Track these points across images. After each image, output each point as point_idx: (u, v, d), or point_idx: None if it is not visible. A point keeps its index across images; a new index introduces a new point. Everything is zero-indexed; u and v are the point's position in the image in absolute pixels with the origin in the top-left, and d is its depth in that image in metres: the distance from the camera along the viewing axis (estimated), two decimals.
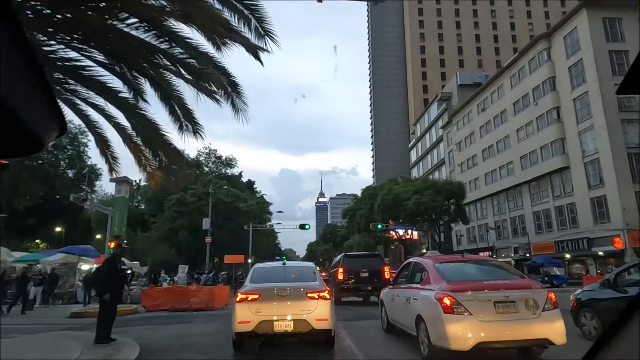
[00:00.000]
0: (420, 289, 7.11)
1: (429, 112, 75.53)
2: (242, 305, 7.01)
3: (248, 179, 54.32)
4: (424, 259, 8.17)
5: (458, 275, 6.95)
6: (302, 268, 9.14)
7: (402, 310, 7.86)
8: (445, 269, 7.13)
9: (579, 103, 36.98)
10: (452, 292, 6.11)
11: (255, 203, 42.35)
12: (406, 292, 7.75)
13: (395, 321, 8.56)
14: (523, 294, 6.09)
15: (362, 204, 43.00)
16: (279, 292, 7.12)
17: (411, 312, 7.15)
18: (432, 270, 7.09)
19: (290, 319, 6.89)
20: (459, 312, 5.93)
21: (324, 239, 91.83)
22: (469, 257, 8.95)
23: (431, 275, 6.98)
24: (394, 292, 8.60)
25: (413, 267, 8.28)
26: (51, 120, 0.79)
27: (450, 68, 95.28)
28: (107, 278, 7.18)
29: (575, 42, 37.50)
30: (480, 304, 5.96)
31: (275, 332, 6.83)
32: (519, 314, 5.91)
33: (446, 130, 64.49)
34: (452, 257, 9.18)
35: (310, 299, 7.09)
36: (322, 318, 7.02)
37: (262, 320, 6.84)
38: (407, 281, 8.21)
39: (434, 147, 71.39)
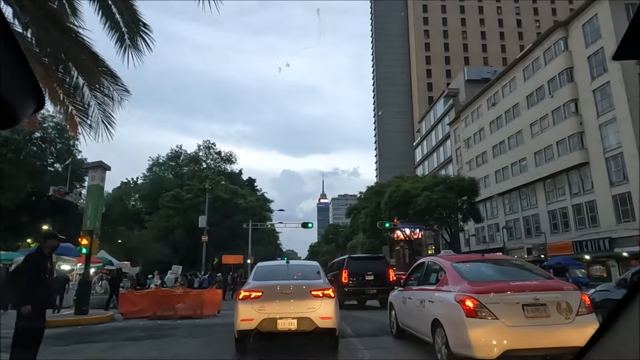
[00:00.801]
0: (436, 291, 6.53)
1: (434, 109, 73.45)
2: (245, 303, 6.85)
3: (249, 176, 52.19)
4: (440, 258, 7.61)
5: (480, 276, 6.38)
6: (306, 266, 8.96)
7: (415, 314, 7.28)
8: (465, 268, 6.57)
9: (599, 94, 34.76)
10: (475, 294, 5.52)
11: (255, 200, 40.17)
12: (420, 294, 7.16)
13: (406, 326, 7.94)
14: (554, 296, 5.53)
15: (368, 202, 40.81)
16: (282, 289, 6.97)
17: (426, 316, 6.56)
18: (450, 270, 6.52)
19: (294, 317, 6.73)
20: (484, 315, 5.36)
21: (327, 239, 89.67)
22: (489, 257, 8.19)
23: (449, 276, 6.40)
24: (405, 294, 8.02)
25: (427, 267, 7.73)
26: (28, 95, 0.79)
27: (456, 65, 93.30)
28: (28, 282, 4.99)
29: (595, 30, 35.30)
30: (507, 307, 5.40)
31: (278, 330, 6.66)
32: (550, 319, 5.34)
33: (453, 127, 62.33)
34: (471, 256, 8.40)
35: (314, 297, 6.95)
36: (327, 316, 6.85)
37: (265, 318, 6.67)
38: (420, 282, 7.64)
39: (440, 145, 69.25)
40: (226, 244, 38.03)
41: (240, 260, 33.67)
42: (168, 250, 37.40)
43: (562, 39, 38.87)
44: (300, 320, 6.74)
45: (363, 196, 43.75)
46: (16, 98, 0.74)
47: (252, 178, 49.44)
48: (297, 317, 6.75)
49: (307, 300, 6.92)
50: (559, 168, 38.60)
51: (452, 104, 64.77)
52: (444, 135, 66.95)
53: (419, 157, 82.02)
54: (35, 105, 0.80)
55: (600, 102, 34.67)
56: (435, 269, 7.25)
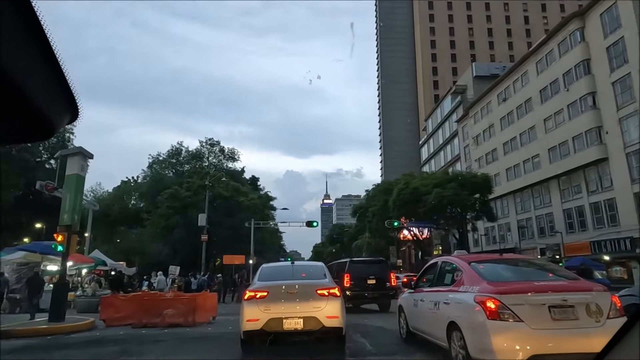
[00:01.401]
0: (452, 292, 6.17)
1: (441, 106, 71.77)
2: (251, 303, 6.83)
3: (252, 175, 50.66)
4: (455, 258, 7.17)
5: (500, 276, 6.09)
6: (312, 267, 8.87)
7: (428, 316, 6.91)
8: (483, 268, 6.24)
9: (619, 87, 33.02)
10: (497, 294, 5.21)
11: (257, 198, 38.54)
12: (433, 296, 6.79)
13: (418, 329, 7.54)
14: (583, 298, 5.17)
15: (375, 200, 39.17)
16: (288, 289, 6.96)
17: (441, 319, 6.19)
18: (467, 269, 6.17)
19: (300, 316, 6.70)
20: (507, 318, 5.03)
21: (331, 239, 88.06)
22: (508, 256, 7.61)
23: (466, 276, 6.05)
24: (417, 296, 7.64)
25: (440, 267, 7.34)
26: (64, 105, 0.79)
27: (462, 63, 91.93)
28: None
29: (614, 19, 33.57)
30: (533, 308, 5.07)
31: (284, 330, 6.64)
32: (579, 322, 4.97)
33: (462, 124, 60.63)
34: (488, 255, 8.25)
35: (320, 296, 6.92)
36: (333, 315, 6.83)
37: (271, 318, 6.64)
38: (433, 284, 7.27)
39: (447, 143, 67.53)
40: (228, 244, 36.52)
41: (242, 260, 32.15)
42: (167, 250, 35.92)
43: (578, 30, 37.14)
44: (307, 319, 6.67)
45: (370, 194, 42.08)
46: (52, 109, 0.74)
47: (255, 176, 47.98)
48: (303, 317, 6.68)
49: (313, 300, 6.86)
50: (575, 165, 36.87)
51: (460, 101, 63.10)
52: (452, 133, 65.26)
53: (425, 155, 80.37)
54: (70, 116, 0.80)
55: (620, 94, 32.94)
56: (450, 269, 6.91)
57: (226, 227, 36.40)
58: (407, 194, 31.87)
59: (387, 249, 59.41)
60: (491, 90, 51.36)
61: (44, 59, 0.67)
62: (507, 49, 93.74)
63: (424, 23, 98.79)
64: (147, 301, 11.18)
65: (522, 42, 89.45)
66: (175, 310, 10.73)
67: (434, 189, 30.69)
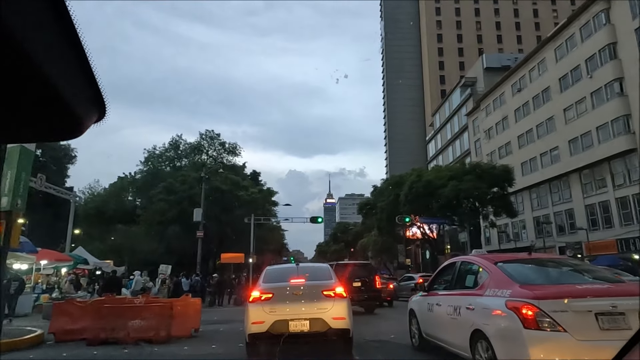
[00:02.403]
0: (477, 296, 5.42)
1: (450, 100, 69.26)
2: (256, 305, 6.72)
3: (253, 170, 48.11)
4: (478, 258, 6.36)
5: (534, 278, 5.36)
6: (317, 268, 8.71)
7: (446, 323, 6.11)
8: (513, 269, 5.52)
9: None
10: (535, 299, 4.48)
11: (258, 192, 36.07)
12: (453, 300, 6.02)
13: (433, 336, 6.73)
14: (635, 304, 4.32)
15: (384, 195, 36.65)
16: (293, 290, 6.86)
17: (463, 326, 5.46)
18: (494, 271, 5.46)
19: (306, 318, 6.56)
20: (547, 327, 4.30)
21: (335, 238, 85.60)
22: (538, 256, 6.95)
23: (494, 278, 5.32)
24: (431, 300, 6.89)
25: (460, 268, 6.57)
26: (92, 104, 0.79)
27: (470, 57, 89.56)
28: None
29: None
30: (577, 316, 4.33)
31: (290, 332, 6.51)
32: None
33: (472, 117, 58.09)
34: (515, 255, 7.51)
35: (326, 297, 6.79)
36: (340, 317, 6.69)
37: (277, 320, 6.53)
38: (452, 286, 6.47)
39: (456, 138, 65.00)
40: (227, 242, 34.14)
41: (242, 259, 29.72)
42: (162, 248, 33.55)
43: (603, 12, 34.53)
44: (313, 321, 6.57)
45: (378, 190, 39.57)
46: (82, 108, 0.74)
47: (256, 171, 45.41)
48: (310, 319, 6.58)
49: (318, 301, 6.75)
50: (599, 157, 34.27)
51: (469, 94, 60.56)
52: (461, 127, 62.72)
53: (432, 151, 77.90)
54: (98, 114, 0.79)
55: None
56: (471, 270, 6.27)
57: (225, 224, 34.03)
58: (420, 187, 29.34)
59: (394, 247, 56.97)
60: (505, 80, 48.80)
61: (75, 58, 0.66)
62: (515, 42, 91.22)
63: (430, 16, 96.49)
64: (109, 310, 8.60)
65: (532, 35, 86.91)
66: (145, 321, 8.19)
67: (449, 181, 28.17)
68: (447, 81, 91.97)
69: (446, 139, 69.31)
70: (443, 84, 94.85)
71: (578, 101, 36.91)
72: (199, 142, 41.13)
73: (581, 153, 36.43)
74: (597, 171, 35.49)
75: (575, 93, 37.14)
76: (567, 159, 38.14)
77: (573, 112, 37.65)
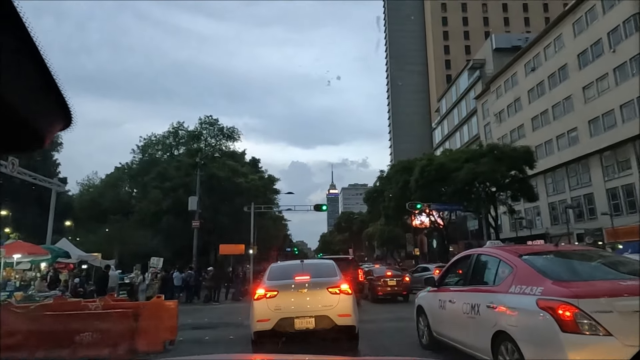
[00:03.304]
0: (499, 293, 4.90)
1: (457, 84, 66.77)
2: (261, 302, 6.72)
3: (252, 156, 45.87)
4: (497, 250, 5.84)
5: (568, 273, 4.81)
6: (322, 264, 8.56)
7: (462, 322, 5.61)
8: (542, 262, 4.98)
9: None
10: (573, 298, 3.93)
11: (258, 179, 33.89)
12: (470, 297, 5.50)
13: (446, 336, 6.20)
14: None
15: (391, 182, 34.50)
16: (297, 287, 6.85)
17: (484, 327, 4.95)
18: (520, 265, 4.89)
19: (312, 315, 6.55)
20: (588, 330, 3.79)
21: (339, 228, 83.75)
22: (566, 248, 6.50)
23: (519, 273, 4.76)
24: (443, 295, 6.40)
25: (476, 261, 6.01)
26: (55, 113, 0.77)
27: (476, 41, 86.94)
28: None
29: None
30: (623, 317, 3.77)
31: (296, 329, 6.53)
32: None
33: (481, 100, 55.68)
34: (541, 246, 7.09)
35: (331, 294, 6.77)
36: (345, 314, 6.70)
37: (282, 318, 6.53)
38: (467, 281, 5.96)
39: (464, 123, 62.61)
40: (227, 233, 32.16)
41: (242, 250, 27.77)
42: (158, 240, 31.62)
43: None
44: (318, 318, 6.53)
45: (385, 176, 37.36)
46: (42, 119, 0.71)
47: (255, 158, 43.17)
48: (315, 316, 6.53)
49: (324, 298, 6.71)
50: (623, 137, 31.95)
51: (478, 76, 58.04)
52: (470, 111, 60.32)
53: (438, 138, 75.59)
54: (63, 123, 0.77)
55: None
56: (490, 263, 5.61)
57: (224, 214, 32.02)
58: (432, 171, 27.17)
59: (401, 236, 55.00)
60: (517, 60, 46.32)
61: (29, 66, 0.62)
62: (523, 25, 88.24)
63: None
64: (53, 319, 6.38)
65: (540, 17, 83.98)
66: (99, 333, 6.11)
67: (464, 164, 25.99)
68: (453, 66, 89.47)
69: (453, 125, 66.97)
70: (448, 69, 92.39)
71: (599, 78, 34.50)
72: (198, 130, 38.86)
73: (602, 134, 34.13)
74: (620, 152, 33.23)
75: (596, 69, 34.72)
76: (587, 141, 35.86)
77: (593, 90, 35.26)
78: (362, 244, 78.13)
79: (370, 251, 76.57)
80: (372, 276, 19.76)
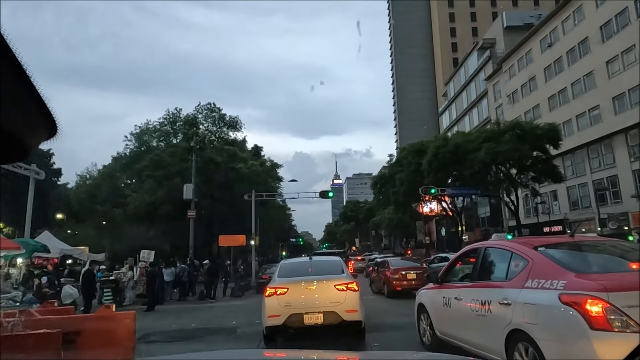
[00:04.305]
0: (513, 288, 4.51)
1: (465, 65, 64.11)
2: (272, 299, 7.01)
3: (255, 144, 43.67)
4: (508, 242, 5.80)
5: (591, 265, 4.53)
6: (329, 262, 8.82)
7: (471, 321, 5.23)
8: (561, 254, 4.60)
9: None
10: (603, 292, 3.58)
11: (259, 165, 31.65)
12: (479, 293, 5.13)
13: (451, 336, 5.80)
14: None
15: (402, 166, 32.29)
16: (307, 285, 7.13)
17: (496, 326, 4.58)
18: (536, 257, 4.50)
19: (320, 311, 6.84)
20: (620, 326, 3.44)
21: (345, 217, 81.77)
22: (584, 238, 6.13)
23: (536, 266, 4.39)
24: (448, 292, 5.97)
25: (485, 255, 5.61)
26: (39, 124, 0.76)
27: (483, 22, 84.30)
28: None
29: None
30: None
31: (305, 324, 6.82)
32: None
33: (492, 81, 53.14)
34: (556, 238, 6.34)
35: (339, 290, 7.07)
36: (352, 310, 6.98)
37: (292, 314, 6.84)
38: (476, 277, 5.57)
39: (474, 106, 60.07)
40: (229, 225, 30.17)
41: (243, 241, 25.77)
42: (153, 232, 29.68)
43: None
44: (327, 314, 6.80)
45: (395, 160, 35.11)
46: (25, 130, 0.71)
47: (258, 146, 40.88)
48: (323, 312, 6.80)
49: (331, 294, 6.97)
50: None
51: (488, 56, 55.38)
52: (480, 94, 57.76)
53: (446, 123, 73.06)
54: (48, 134, 0.76)
55: None
56: (501, 257, 5.25)
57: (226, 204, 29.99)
58: (447, 152, 24.95)
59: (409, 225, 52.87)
60: (532, 36, 43.72)
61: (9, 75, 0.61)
62: (532, 4, 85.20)
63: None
64: None
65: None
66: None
67: (483, 144, 23.75)
68: (460, 48, 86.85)
69: (462, 108, 64.44)
70: (455, 52, 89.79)
71: (625, 50, 31.97)
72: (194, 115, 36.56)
73: (629, 110, 31.68)
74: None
75: (621, 41, 32.17)
76: (611, 119, 33.45)
77: (618, 64, 32.75)
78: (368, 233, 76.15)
79: (377, 240, 74.63)
80: (387, 268, 17.74)
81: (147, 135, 39.99)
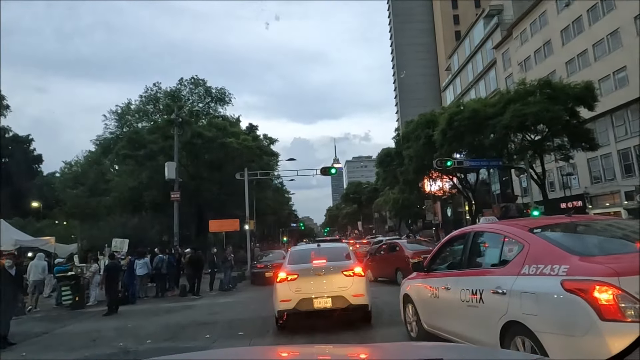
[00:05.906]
0: (508, 275, 3.99)
1: (470, 35, 60.59)
2: (283, 285, 7.38)
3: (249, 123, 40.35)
4: (500, 225, 4.97)
5: (596, 247, 3.87)
6: (337, 248, 9.12)
7: (461, 313, 4.72)
8: (561, 237, 4.13)
9: None
10: (612, 276, 3.04)
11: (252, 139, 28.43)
12: (469, 282, 4.60)
13: (440, 329, 5.34)
14: None
15: (409, 141, 29.25)
16: (316, 271, 7.47)
17: (489, 317, 4.09)
18: (533, 240, 3.99)
19: (328, 296, 7.17)
20: (635, 316, 2.89)
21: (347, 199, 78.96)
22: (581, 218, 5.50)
23: (532, 250, 3.88)
24: (435, 282, 5.47)
25: (473, 240, 5.01)
26: None
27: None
28: None
29: None
30: None
31: (315, 308, 7.17)
32: None
33: (501, 50, 49.70)
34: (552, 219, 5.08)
35: (346, 276, 7.39)
36: (359, 294, 7.30)
37: (302, 299, 7.16)
38: (464, 264, 5.00)
39: (481, 77, 56.66)
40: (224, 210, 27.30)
41: (236, 226, 22.88)
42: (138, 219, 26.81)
43: None
44: (335, 298, 7.15)
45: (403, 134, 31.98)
46: None
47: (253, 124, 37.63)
48: (332, 296, 7.16)
49: (339, 280, 7.33)
50: None
51: (496, 23, 51.88)
52: (487, 64, 54.32)
53: (450, 99, 69.67)
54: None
55: None
56: (493, 241, 4.74)
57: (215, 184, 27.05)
58: (463, 119, 21.84)
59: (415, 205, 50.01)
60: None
61: None
62: None
63: None
64: None
65: None
66: None
67: (507, 106, 20.61)
68: (462, 21, 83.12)
69: (467, 82, 61.02)
70: (457, 25, 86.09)
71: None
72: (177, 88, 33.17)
73: None
74: None
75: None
76: (638, 83, 30.28)
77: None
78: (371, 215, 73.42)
79: (381, 223, 71.93)
80: (403, 252, 14.89)
81: (130, 115, 36.75)
